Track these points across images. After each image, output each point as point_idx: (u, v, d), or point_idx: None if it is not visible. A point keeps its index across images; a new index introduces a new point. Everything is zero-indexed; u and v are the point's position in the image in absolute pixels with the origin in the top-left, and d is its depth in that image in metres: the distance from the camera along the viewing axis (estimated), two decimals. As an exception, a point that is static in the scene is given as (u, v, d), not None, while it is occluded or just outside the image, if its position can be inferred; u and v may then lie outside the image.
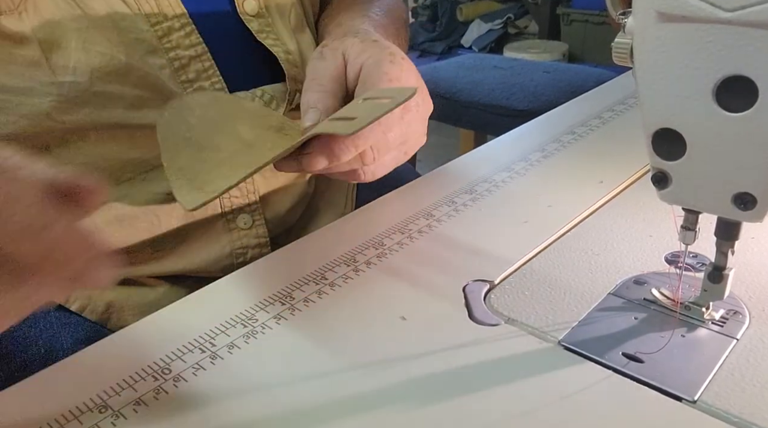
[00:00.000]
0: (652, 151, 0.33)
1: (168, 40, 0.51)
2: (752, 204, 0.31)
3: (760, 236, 0.46)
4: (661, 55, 0.30)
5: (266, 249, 0.57)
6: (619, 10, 0.34)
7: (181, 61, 0.52)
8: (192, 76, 0.53)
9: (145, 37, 0.50)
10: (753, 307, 0.38)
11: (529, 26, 3.45)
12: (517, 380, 0.34)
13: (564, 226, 0.49)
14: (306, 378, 0.35)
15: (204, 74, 0.53)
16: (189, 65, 0.53)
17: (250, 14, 0.56)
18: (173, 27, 0.52)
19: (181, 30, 0.52)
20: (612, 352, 0.35)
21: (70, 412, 0.34)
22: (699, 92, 0.30)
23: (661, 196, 0.35)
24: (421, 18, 3.74)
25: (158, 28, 0.51)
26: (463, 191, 0.55)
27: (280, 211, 0.60)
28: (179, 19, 0.52)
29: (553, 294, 0.41)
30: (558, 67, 1.76)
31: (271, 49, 0.57)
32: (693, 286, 0.39)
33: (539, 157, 0.61)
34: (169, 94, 0.52)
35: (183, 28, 0.52)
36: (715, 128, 0.30)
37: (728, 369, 0.34)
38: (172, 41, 0.52)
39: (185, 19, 0.53)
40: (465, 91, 1.59)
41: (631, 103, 0.75)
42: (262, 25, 0.57)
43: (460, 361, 0.35)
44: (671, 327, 0.37)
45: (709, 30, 0.28)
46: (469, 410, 0.32)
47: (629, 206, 0.52)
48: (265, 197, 0.59)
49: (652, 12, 0.29)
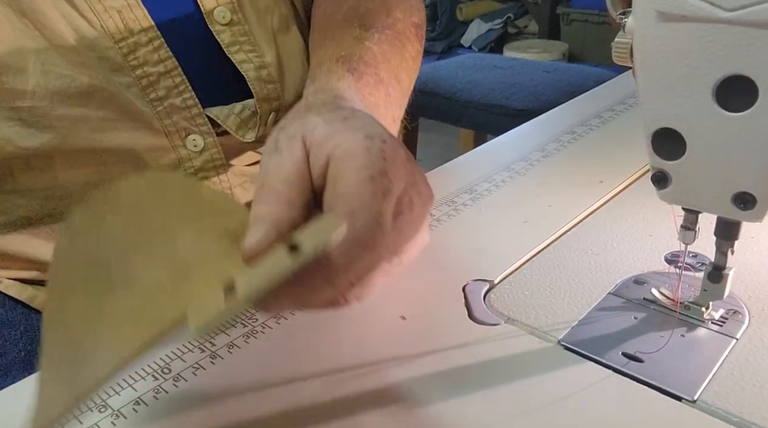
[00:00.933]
0: (651, 150, 0.33)
1: (134, 57, 0.48)
2: (752, 203, 0.31)
3: (759, 236, 0.46)
4: (661, 55, 0.30)
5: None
6: (619, 10, 0.34)
7: (150, 78, 0.49)
8: (162, 93, 0.50)
9: (108, 55, 0.47)
10: (752, 307, 0.38)
11: (529, 26, 3.45)
12: (516, 380, 0.34)
13: (564, 226, 0.49)
14: (306, 377, 0.35)
15: (175, 91, 0.50)
16: (158, 82, 0.50)
17: (221, 23, 0.53)
18: (140, 42, 0.49)
19: (149, 45, 0.49)
20: (612, 352, 0.35)
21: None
22: (699, 92, 0.30)
23: (660, 195, 0.35)
24: (421, 17, 3.74)
25: (123, 45, 0.48)
26: (463, 191, 0.55)
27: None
28: (146, 33, 0.49)
29: (552, 293, 0.41)
30: (558, 66, 1.76)
31: (240, 66, 0.53)
32: (693, 286, 0.39)
33: (539, 156, 0.61)
34: (138, 113, 0.49)
35: (150, 43, 0.49)
36: (714, 128, 0.30)
37: (728, 369, 0.34)
38: (139, 58, 0.49)
39: (153, 32, 0.49)
40: (465, 91, 1.59)
41: (631, 102, 0.75)
42: (236, 34, 0.53)
43: (459, 361, 0.35)
44: (671, 326, 0.37)
45: (709, 30, 0.28)
46: (468, 410, 0.32)
47: (629, 206, 0.52)
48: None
49: (652, 12, 0.29)
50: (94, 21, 0.47)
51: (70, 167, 0.49)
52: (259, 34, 0.55)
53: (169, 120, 0.51)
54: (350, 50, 0.47)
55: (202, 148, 0.52)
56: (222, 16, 0.53)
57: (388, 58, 0.49)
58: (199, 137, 0.52)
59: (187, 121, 0.51)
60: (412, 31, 0.55)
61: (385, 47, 0.50)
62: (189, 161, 0.52)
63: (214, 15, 0.52)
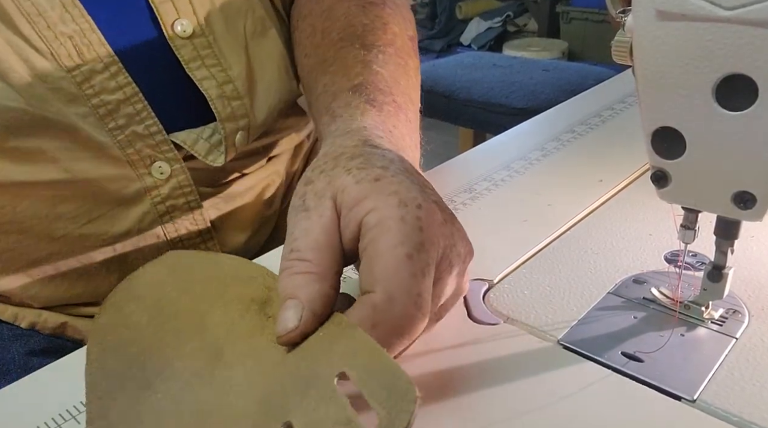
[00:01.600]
0: (651, 149, 0.33)
1: (89, 86, 0.45)
2: (752, 203, 0.31)
3: (759, 235, 0.46)
4: (660, 54, 0.30)
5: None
6: (618, 9, 0.34)
7: (108, 107, 0.46)
8: (122, 121, 0.47)
9: (61, 85, 0.44)
10: (752, 306, 0.38)
11: (529, 24, 3.45)
12: (516, 379, 0.34)
13: (563, 225, 0.49)
14: (305, 377, 0.35)
15: (136, 118, 0.47)
16: (117, 110, 0.46)
17: (182, 36, 0.49)
18: (95, 69, 0.45)
19: (105, 71, 0.46)
20: (611, 351, 0.35)
21: (68, 411, 0.34)
22: (699, 91, 0.30)
23: (660, 194, 0.35)
24: (420, 15, 3.74)
25: (76, 73, 0.45)
26: (463, 190, 0.55)
27: (238, 240, 0.56)
28: (102, 59, 0.45)
29: (552, 293, 0.41)
30: (557, 65, 1.76)
31: (201, 84, 0.50)
32: (692, 285, 0.39)
33: (538, 155, 0.61)
34: (97, 144, 0.46)
35: (107, 69, 0.46)
36: (714, 127, 0.30)
37: (727, 369, 0.34)
38: (95, 86, 0.45)
39: (109, 58, 0.46)
40: (464, 90, 1.59)
41: (631, 101, 0.75)
42: (198, 47, 0.49)
43: (459, 360, 0.35)
44: (671, 326, 0.37)
45: (708, 28, 0.28)
46: (468, 409, 0.32)
47: (629, 205, 0.52)
48: (218, 225, 0.54)
49: (652, 10, 0.29)
50: (44, 50, 0.44)
51: (26, 199, 0.47)
52: (227, 44, 0.51)
53: (132, 148, 0.48)
54: (361, 77, 0.45)
55: (169, 175, 0.50)
56: (183, 29, 0.49)
57: (397, 79, 0.47)
58: (165, 164, 0.49)
59: (151, 149, 0.49)
60: (409, 46, 0.53)
61: (392, 68, 0.48)
62: (155, 189, 0.50)
63: (175, 28, 0.49)
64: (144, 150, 0.49)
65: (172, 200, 0.51)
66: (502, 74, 1.65)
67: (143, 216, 0.50)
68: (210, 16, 0.50)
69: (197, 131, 0.51)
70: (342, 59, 0.48)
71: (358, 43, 0.49)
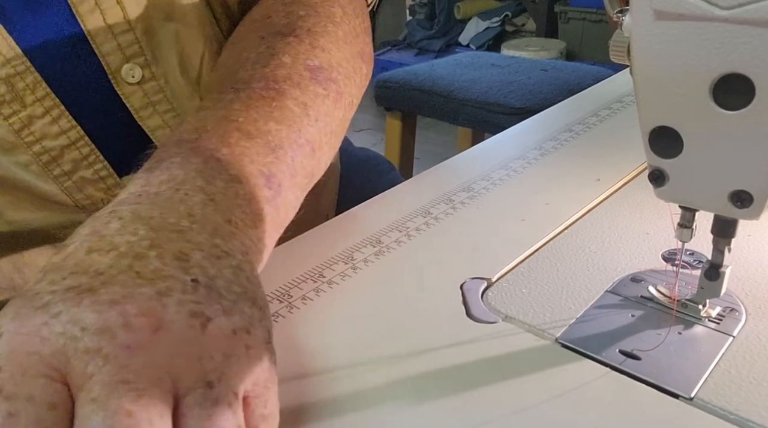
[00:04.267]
0: (649, 148, 0.33)
1: (29, 132, 0.42)
2: (749, 202, 0.31)
3: (756, 234, 0.46)
4: (658, 53, 0.30)
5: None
6: (616, 8, 0.34)
7: (51, 154, 0.43)
8: (68, 167, 0.44)
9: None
10: (749, 304, 0.39)
11: (527, 24, 3.45)
12: (514, 377, 0.34)
13: (561, 224, 0.49)
14: (303, 375, 0.35)
15: (84, 162, 0.44)
16: (62, 156, 0.43)
17: (131, 82, 0.45)
18: (34, 114, 0.42)
19: (46, 116, 0.42)
20: (609, 349, 0.35)
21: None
22: (696, 90, 0.30)
23: (657, 193, 0.35)
24: (419, 16, 3.74)
25: (14, 120, 0.41)
26: (461, 189, 0.55)
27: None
28: (42, 103, 0.42)
29: (550, 291, 0.41)
30: (555, 64, 1.76)
31: (153, 134, 0.46)
32: (690, 284, 0.39)
33: (537, 154, 0.61)
34: (43, 193, 0.43)
35: (48, 113, 0.42)
36: (711, 126, 0.30)
37: (725, 367, 0.34)
38: (35, 133, 0.42)
39: (50, 101, 0.42)
40: (462, 89, 1.59)
41: (629, 101, 0.75)
42: (150, 93, 0.46)
43: (457, 359, 0.36)
44: (668, 324, 0.37)
45: (705, 28, 0.28)
46: (466, 407, 0.32)
47: (626, 204, 0.52)
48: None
49: (649, 10, 0.29)
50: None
51: None
52: (181, 87, 0.47)
53: (82, 194, 0.45)
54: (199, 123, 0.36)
55: None
56: (131, 75, 0.45)
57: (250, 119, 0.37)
58: None
59: (104, 193, 0.46)
60: (303, 75, 0.42)
61: (246, 103, 0.38)
62: None
63: (122, 74, 0.45)
64: (95, 194, 0.46)
65: None
66: (500, 74, 1.65)
67: None
68: (162, 58, 0.46)
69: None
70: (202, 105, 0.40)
71: (231, 87, 0.40)
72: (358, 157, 0.79)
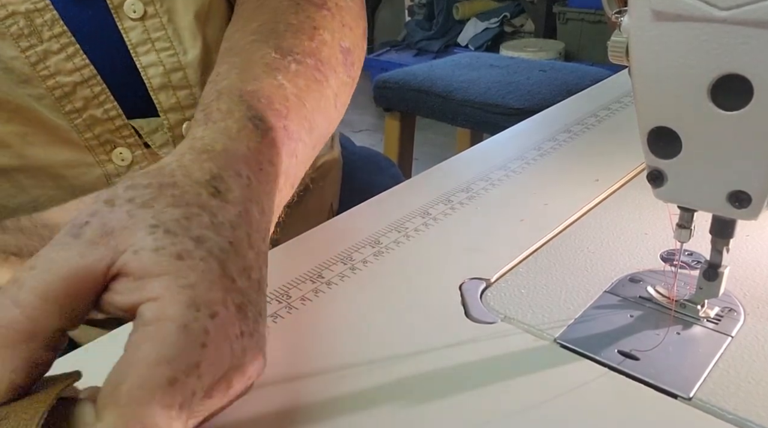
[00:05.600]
0: (647, 149, 0.33)
1: (44, 67, 0.43)
2: (747, 202, 0.32)
3: (754, 234, 0.46)
4: (656, 54, 0.30)
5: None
6: (614, 9, 0.34)
7: (64, 89, 0.44)
8: (79, 104, 0.44)
9: (13, 65, 0.42)
10: (748, 305, 0.39)
11: (526, 25, 3.46)
12: (513, 378, 0.34)
13: (560, 224, 0.49)
14: (303, 376, 0.35)
15: (94, 101, 0.45)
16: (74, 92, 0.44)
17: (132, 18, 0.46)
18: (50, 50, 0.43)
19: (62, 52, 0.43)
20: (608, 350, 0.36)
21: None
22: (694, 90, 0.30)
23: (656, 194, 0.35)
24: (418, 16, 3.74)
25: (31, 53, 0.43)
26: (460, 189, 0.55)
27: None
28: (58, 39, 0.43)
29: (549, 292, 0.41)
30: (554, 65, 1.76)
31: (146, 71, 0.46)
32: (688, 284, 0.39)
33: (535, 155, 0.61)
34: (53, 127, 0.44)
35: (63, 50, 0.43)
36: (710, 126, 0.31)
37: (723, 367, 0.34)
38: (50, 67, 0.43)
39: (66, 38, 0.43)
40: (461, 90, 1.59)
41: (627, 101, 0.75)
42: (150, 29, 0.46)
43: (456, 359, 0.36)
44: (666, 324, 0.37)
45: (704, 28, 0.28)
46: (465, 408, 0.32)
47: (625, 204, 0.52)
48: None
49: (648, 10, 0.29)
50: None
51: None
52: (183, 25, 0.47)
53: (90, 133, 0.46)
54: (258, 83, 0.38)
55: (131, 161, 0.48)
56: (133, 10, 0.46)
57: (303, 100, 0.40)
58: (126, 150, 0.47)
59: (111, 134, 0.47)
60: (338, 59, 0.45)
61: (302, 83, 0.40)
62: (117, 177, 0.47)
63: (124, 9, 0.45)
64: (104, 135, 0.46)
65: None
66: (499, 74, 1.65)
67: None
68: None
69: (158, 121, 0.48)
70: (247, 53, 0.41)
71: (273, 43, 0.42)
72: (359, 154, 0.80)
